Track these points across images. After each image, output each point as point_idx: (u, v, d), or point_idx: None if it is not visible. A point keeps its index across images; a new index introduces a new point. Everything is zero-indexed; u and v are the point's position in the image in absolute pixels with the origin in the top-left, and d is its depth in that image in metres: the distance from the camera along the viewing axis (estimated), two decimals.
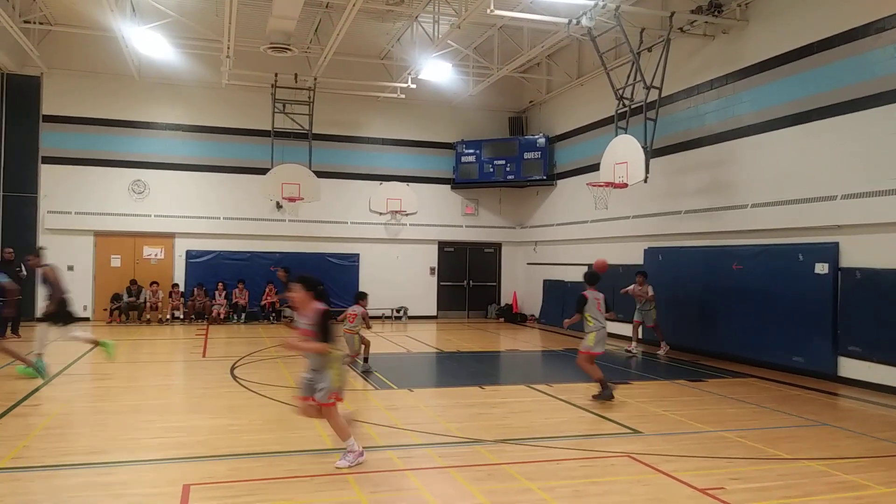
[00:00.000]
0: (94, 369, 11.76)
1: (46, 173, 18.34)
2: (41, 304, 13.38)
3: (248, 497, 5.41)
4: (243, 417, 8.22)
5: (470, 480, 5.85)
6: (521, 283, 22.04)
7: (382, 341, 15.35)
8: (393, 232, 20.95)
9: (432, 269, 21.80)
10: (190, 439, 7.11)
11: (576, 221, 18.85)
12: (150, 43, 16.04)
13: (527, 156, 20.67)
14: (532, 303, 21.28)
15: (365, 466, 6.18)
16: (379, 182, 20.85)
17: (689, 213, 14.45)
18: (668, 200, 15.07)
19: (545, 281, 20.48)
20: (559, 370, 12.85)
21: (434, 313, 21.49)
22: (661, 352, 14.04)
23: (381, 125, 21.12)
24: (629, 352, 14.05)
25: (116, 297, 18.26)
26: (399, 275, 20.64)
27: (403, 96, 19.85)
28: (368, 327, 11.32)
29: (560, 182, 20.17)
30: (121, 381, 10.73)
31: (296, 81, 18.51)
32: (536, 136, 20.73)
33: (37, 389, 9.61)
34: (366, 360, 11.59)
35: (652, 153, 13.79)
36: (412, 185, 21.17)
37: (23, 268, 14.96)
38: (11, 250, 15.68)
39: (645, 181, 13.56)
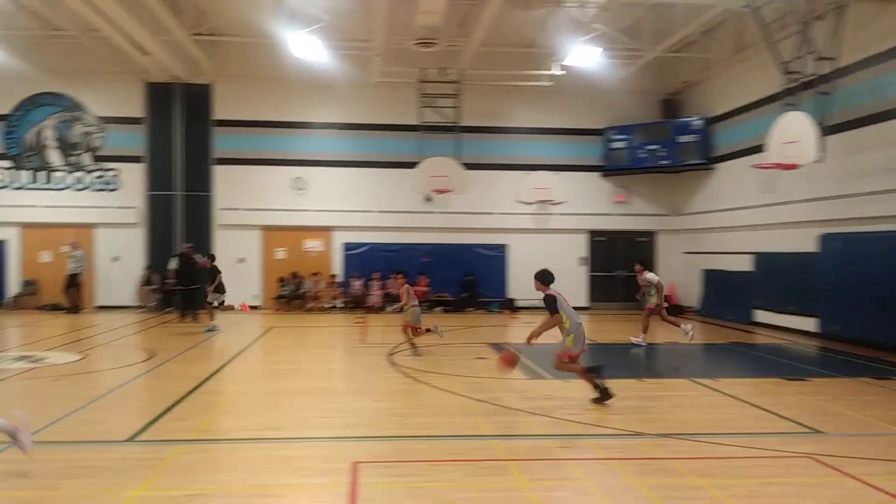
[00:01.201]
0: (264, 354, 12.60)
1: (219, 173, 19.90)
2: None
3: (413, 477, 5.55)
4: (404, 402, 8.45)
5: (633, 474, 5.64)
6: (677, 273, 21.05)
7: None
8: (541, 222, 20.73)
9: (583, 259, 21.37)
10: (356, 420, 7.40)
11: (739, 207, 17.69)
12: (306, 46, 16.89)
13: (682, 139, 19.68)
14: (690, 293, 20.27)
15: (524, 453, 6.14)
16: (526, 172, 20.70)
17: (871, 195, 13.11)
18: (847, 182, 13.74)
19: (705, 271, 19.43)
20: (723, 364, 12.12)
21: (586, 304, 21.06)
22: (635, 340, 13.20)
23: (528, 114, 20.96)
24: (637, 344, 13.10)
25: (283, 286, 19.52)
26: (548, 265, 20.31)
27: (551, 84, 19.56)
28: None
29: (720, 166, 19.01)
30: (288, 364, 11.41)
31: (442, 75, 18.78)
32: (692, 119, 19.69)
33: (217, 371, 10.43)
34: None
35: (826, 130, 12.63)
36: (560, 173, 20.82)
37: (199, 258, 16.34)
38: (191, 245, 17.21)
39: (818, 161, 12.44)
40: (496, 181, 20.59)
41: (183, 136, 19.69)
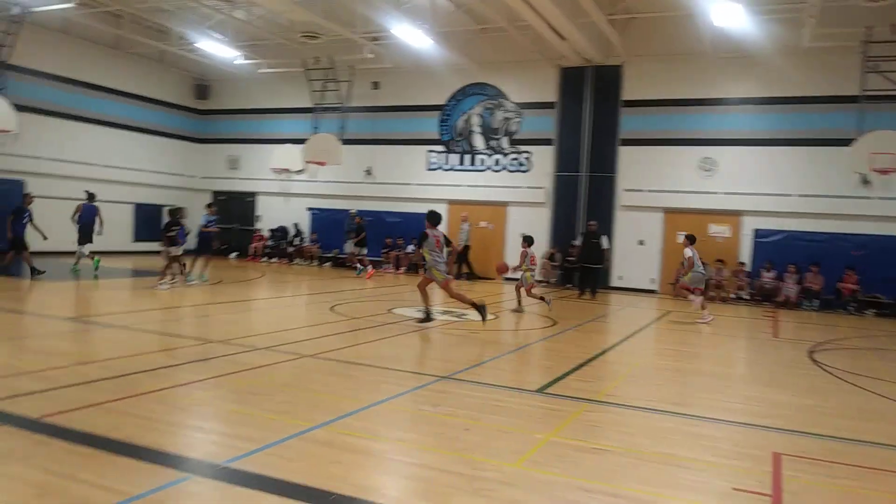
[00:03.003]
0: (662, 335, 12.11)
1: (623, 154, 19.86)
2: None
3: (849, 481, 4.65)
4: (830, 401, 7.20)
5: None
6: None
7: None
8: None
9: None
10: (773, 411, 6.51)
11: None
12: (727, 15, 15.65)
13: None
14: None
15: None
16: None
17: None
18: None
19: None
20: None
21: None
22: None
23: None
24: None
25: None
26: None
27: None
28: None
29: None
30: (689, 347, 10.74)
31: (894, 33, 15.70)
32: None
33: (616, 344, 10.31)
34: None
35: None
36: None
37: (604, 241, 16.58)
38: (595, 223, 17.56)
39: None
40: None
41: (591, 118, 20.11)
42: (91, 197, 16.33)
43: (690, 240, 13.61)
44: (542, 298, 13.40)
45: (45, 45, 20.23)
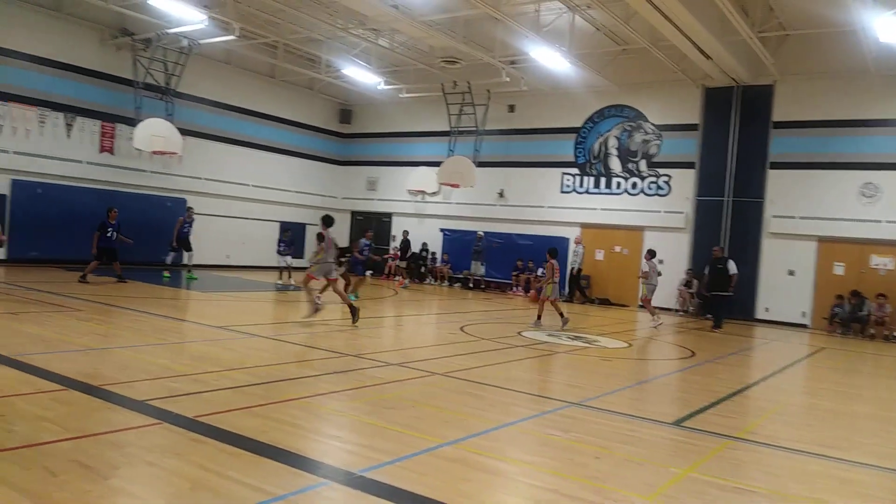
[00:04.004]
0: (812, 372, 11.22)
1: (773, 178, 18.71)
2: None
3: None
4: None
5: None
6: None
7: None
8: None
9: None
10: None
11: None
12: (893, 30, 14.43)
13: None
14: None
15: None
16: None
17: None
18: None
19: None
20: None
21: None
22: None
23: None
24: None
25: (838, 305, 17.21)
26: None
27: None
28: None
29: None
30: (842, 387, 9.87)
31: None
32: None
33: (761, 380, 9.67)
34: None
35: None
36: None
37: (731, 266, 15.78)
38: (721, 248, 16.64)
39: None
40: None
41: (737, 140, 19.13)
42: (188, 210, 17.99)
43: (651, 254, 16.04)
44: (560, 314, 13.41)
45: (207, 74, 22.07)
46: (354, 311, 11.31)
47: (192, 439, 4.79)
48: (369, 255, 16.23)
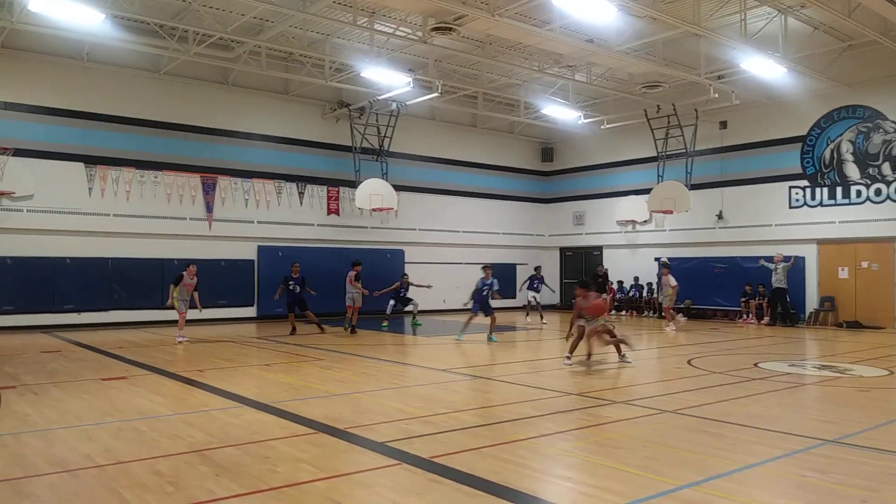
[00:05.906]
0: None
1: None
2: None
3: None
4: None
5: None
6: None
7: None
8: None
9: None
10: None
11: None
12: None
13: None
14: None
15: None
16: None
17: None
18: None
19: None
20: None
21: None
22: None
23: None
24: None
25: None
26: None
27: None
28: None
29: None
30: None
31: None
32: None
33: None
34: None
35: None
36: None
37: None
38: None
39: None
40: None
41: None
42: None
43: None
44: (588, 356, 11.33)
45: (415, 131, 23.54)
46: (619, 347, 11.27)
47: (430, 479, 4.97)
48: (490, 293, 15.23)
